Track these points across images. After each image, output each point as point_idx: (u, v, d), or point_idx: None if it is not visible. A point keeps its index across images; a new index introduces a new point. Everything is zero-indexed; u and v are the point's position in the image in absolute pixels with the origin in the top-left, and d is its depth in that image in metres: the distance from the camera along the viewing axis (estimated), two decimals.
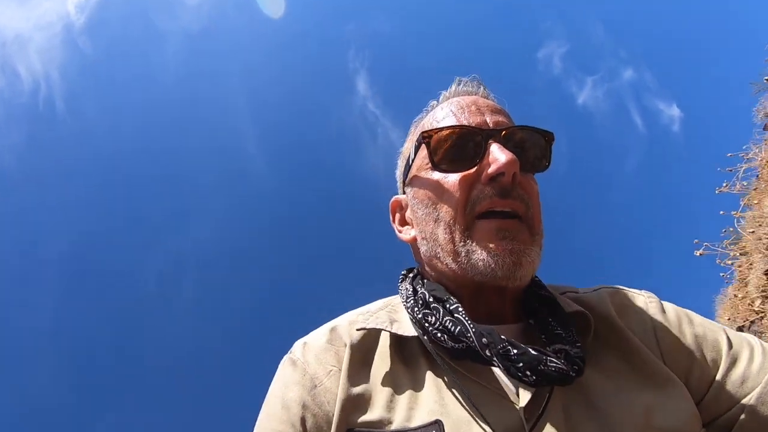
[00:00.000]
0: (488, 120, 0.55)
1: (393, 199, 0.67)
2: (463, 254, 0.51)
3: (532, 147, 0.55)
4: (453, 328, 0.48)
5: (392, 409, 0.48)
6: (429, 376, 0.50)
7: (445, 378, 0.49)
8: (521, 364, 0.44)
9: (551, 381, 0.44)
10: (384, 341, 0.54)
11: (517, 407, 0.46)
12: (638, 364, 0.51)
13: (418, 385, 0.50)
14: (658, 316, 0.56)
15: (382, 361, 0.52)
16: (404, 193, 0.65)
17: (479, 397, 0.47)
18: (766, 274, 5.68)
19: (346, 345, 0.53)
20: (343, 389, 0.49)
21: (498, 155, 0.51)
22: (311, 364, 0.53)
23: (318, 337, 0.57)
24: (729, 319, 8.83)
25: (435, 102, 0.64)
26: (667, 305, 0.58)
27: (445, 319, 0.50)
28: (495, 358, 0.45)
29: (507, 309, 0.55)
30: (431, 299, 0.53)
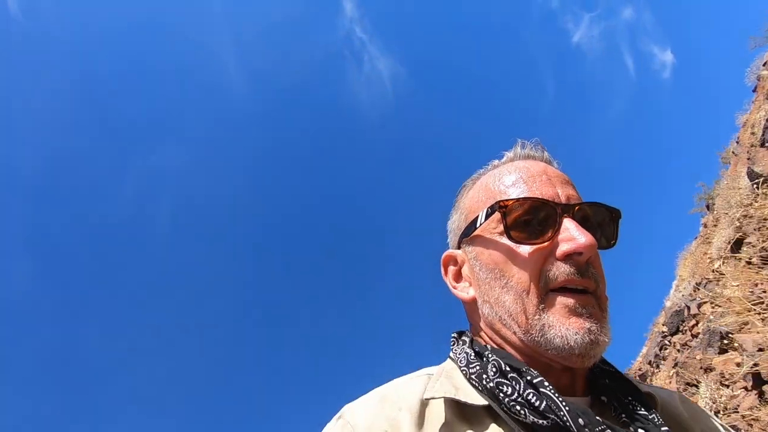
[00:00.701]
0: (560, 192, 0.54)
1: (446, 253, 0.64)
2: (537, 328, 0.50)
3: (601, 224, 0.55)
4: (537, 402, 0.45)
5: None
6: None
7: None
8: None
9: None
10: (443, 409, 0.50)
11: None
12: None
13: None
14: (710, 423, 0.57)
15: (446, 426, 0.48)
16: (458, 248, 0.63)
17: None
18: (728, 243, 6.34)
19: (401, 409, 0.49)
20: None
21: (576, 234, 0.50)
22: (360, 427, 0.49)
23: (367, 401, 0.53)
24: (689, 274, 9.80)
25: (497, 161, 0.63)
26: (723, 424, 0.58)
27: (526, 391, 0.46)
28: None
29: (577, 384, 0.54)
30: (507, 368, 0.49)
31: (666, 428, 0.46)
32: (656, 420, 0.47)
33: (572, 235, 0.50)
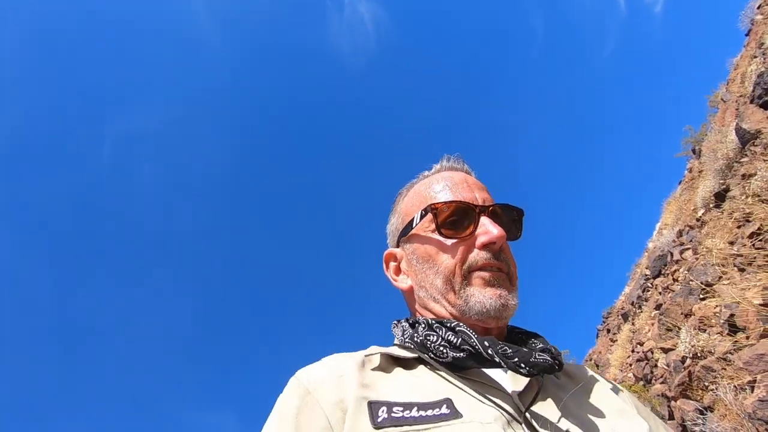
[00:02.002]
0: (477, 196, 0.68)
1: (387, 251, 0.76)
2: (462, 299, 0.62)
3: (510, 221, 0.68)
4: (455, 339, 0.57)
5: (401, 395, 0.53)
6: (432, 376, 0.57)
7: (447, 378, 0.56)
8: (516, 359, 0.53)
9: (541, 370, 0.53)
10: (383, 362, 0.60)
11: (513, 393, 0.55)
12: (608, 397, 0.62)
13: (421, 381, 0.57)
14: (629, 393, 0.68)
15: (385, 370, 0.59)
16: (397, 246, 0.74)
17: (480, 388, 0.55)
18: (711, 194, 6.65)
19: (347, 361, 0.59)
20: (351, 384, 0.54)
21: (490, 228, 0.63)
22: (306, 377, 0.57)
23: (316, 363, 0.61)
24: (673, 220, 10.23)
25: (427, 172, 0.77)
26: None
27: (447, 334, 0.58)
28: (496, 356, 0.53)
29: (495, 335, 0.64)
30: (434, 323, 0.61)
31: (556, 347, 0.59)
32: (548, 346, 0.59)
33: (488, 229, 0.63)
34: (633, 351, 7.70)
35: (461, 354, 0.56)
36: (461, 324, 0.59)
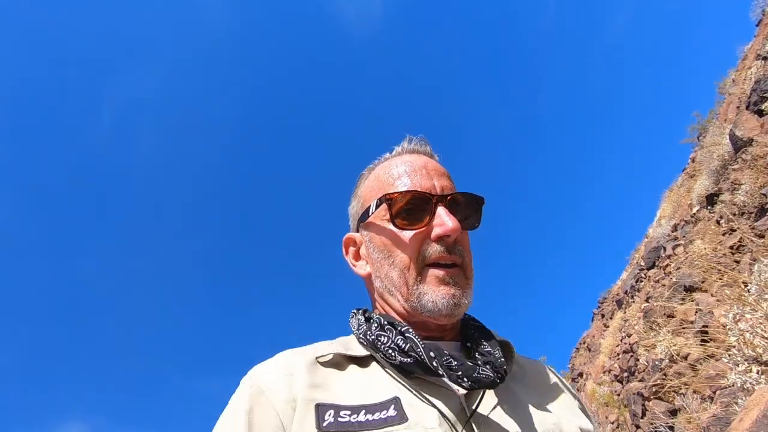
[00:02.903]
0: (436, 184, 0.66)
1: (347, 235, 0.74)
2: (415, 295, 0.62)
3: (469, 210, 0.67)
4: (404, 345, 0.58)
5: (351, 394, 0.55)
6: (383, 375, 0.59)
7: (397, 378, 0.58)
8: (460, 372, 0.54)
9: (482, 385, 0.55)
10: (336, 360, 0.61)
11: (458, 396, 0.57)
12: (555, 392, 0.66)
13: (372, 381, 0.58)
14: (576, 393, 0.71)
15: (335, 366, 0.60)
16: (357, 231, 0.73)
17: (428, 388, 0.57)
18: (704, 196, 6.76)
19: (299, 360, 0.59)
20: (301, 384, 0.55)
21: (445, 220, 0.62)
22: (258, 377, 0.57)
23: (270, 360, 0.61)
24: (671, 211, 10.34)
25: (388, 154, 0.74)
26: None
27: (396, 338, 0.59)
28: (440, 368, 0.54)
29: (446, 335, 0.66)
30: (385, 323, 0.62)
31: (502, 358, 0.59)
32: (497, 354, 0.59)
33: (443, 221, 0.62)
34: (621, 341, 8.01)
35: (408, 359, 0.57)
36: (410, 330, 0.59)
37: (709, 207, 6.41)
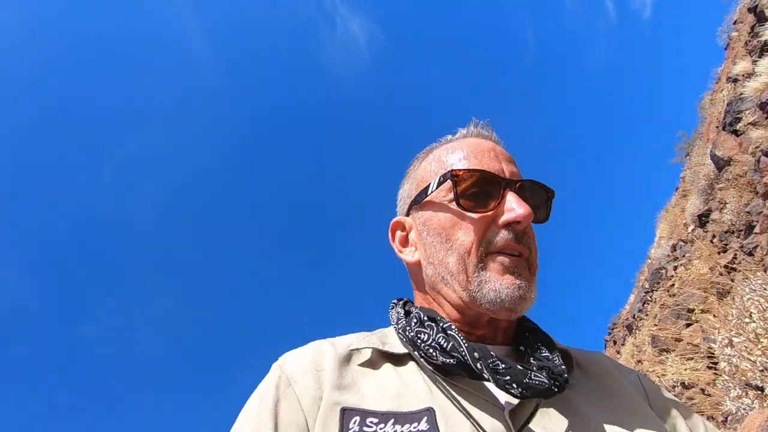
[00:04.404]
0: (504, 168, 0.60)
1: (394, 220, 0.68)
2: (475, 284, 0.55)
3: (537, 200, 0.60)
4: (445, 344, 0.51)
5: (382, 397, 0.49)
6: (419, 379, 0.52)
7: (435, 384, 0.51)
8: (508, 377, 0.47)
9: (535, 394, 0.47)
10: (371, 356, 0.56)
11: (503, 412, 0.49)
12: (624, 402, 0.55)
13: (407, 384, 0.52)
14: (649, 383, 0.62)
15: (369, 365, 0.55)
16: (407, 215, 0.67)
17: (468, 398, 0.50)
18: (697, 214, 6.83)
19: (329, 353, 0.55)
20: (329, 382, 0.51)
21: (515, 205, 0.56)
22: (288, 367, 0.54)
23: (302, 348, 0.57)
24: (668, 233, 10.36)
25: (450, 136, 0.68)
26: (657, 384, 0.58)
27: (438, 335, 0.53)
28: (485, 372, 0.48)
29: (498, 336, 0.59)
30: (426, 318, 0.56)
31: (563, 366, 0.51)
32: (557, 361, 0.52)
33: (512, 206, 0.56)
34: (639, 362, 7.80)
35: (451, 360, 0.50)
36: (453, 326, 0.53)
37: (701, 227, 6.47)
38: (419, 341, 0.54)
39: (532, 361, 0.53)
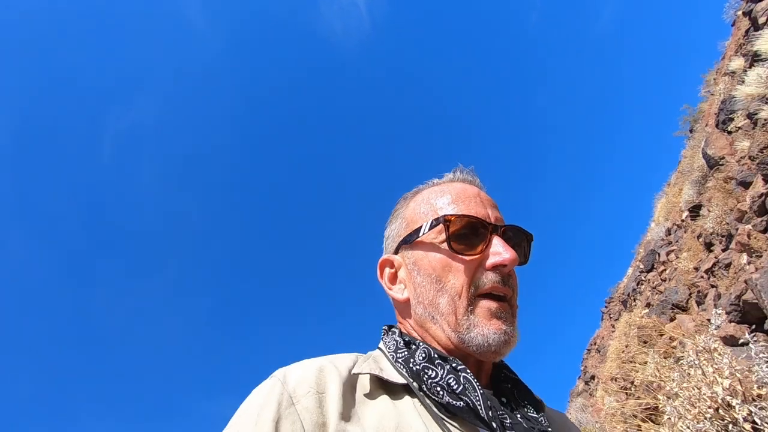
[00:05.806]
0: (489, 214, 0.64)
1: (384, 257, 0.71)
2: (464, 326, 0.58)
3: (520, 245, 0.65)
4: (456, 385, 0.54)
5: (383, 428, 0.51)
6: (415, 415, 0.53)
7: (437, 423, 0.53)
8: None
9: None
10: (368, 382, 0.57)
11: None
12: None
13: (403, 419, 0.53)
14: None
15: (369, 395, 0.56)
16: (396, 253, 0.69)
17: None
18: (689, 206, 6.91)
19: (331, 374, 0.55)
20: (332, 409, 0.51)
21: (502, 249, 0.60)
22: (290, 384, 0.53)
23: (302, 364, 0.58)
24: (665, 214, 10.42)
25: (437, 180, 0.72)
26: None
27: (448, 376, 0.55)
28: (494, 422, 0.51)
29: (482, 378, 0.63)
30: (435, 356, 0.58)
31: (549, 428, 0.56)
32: (543, 422, 0.56)
33: (499, 250, 0.60)
34: (626, 346, 8.15)
35: (459, 403, 0.53)
36: (467, 370, 0.56)
37: (693, 217, 6.55)
38: (426, 377, 0.56)
39: (519, 418, 0.56)
